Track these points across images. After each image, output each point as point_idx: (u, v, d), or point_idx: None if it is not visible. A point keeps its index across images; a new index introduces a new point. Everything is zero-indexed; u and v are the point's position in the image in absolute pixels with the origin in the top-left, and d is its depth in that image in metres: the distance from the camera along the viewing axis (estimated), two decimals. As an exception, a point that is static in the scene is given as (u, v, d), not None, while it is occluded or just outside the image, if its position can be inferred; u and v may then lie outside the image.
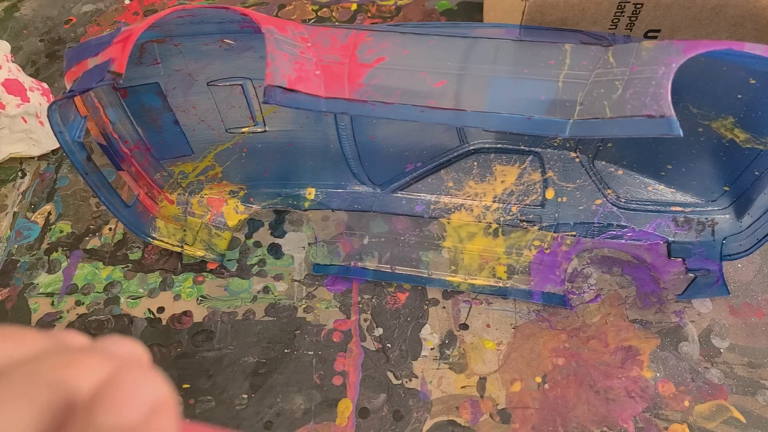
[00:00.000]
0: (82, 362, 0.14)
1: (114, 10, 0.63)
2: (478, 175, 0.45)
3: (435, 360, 0.41)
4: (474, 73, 0.34)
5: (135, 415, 0.13)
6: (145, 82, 0.40)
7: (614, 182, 0.44)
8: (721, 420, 0.38)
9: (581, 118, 0.31)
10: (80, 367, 0.14)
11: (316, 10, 0.61)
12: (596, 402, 0.39)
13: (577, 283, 0.44)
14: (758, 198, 0.39)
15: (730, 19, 0.41)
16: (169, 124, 0.43)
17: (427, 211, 0.46)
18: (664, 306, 0.42)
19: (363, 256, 0.45)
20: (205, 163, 0.46)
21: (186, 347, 0.42)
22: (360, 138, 0.44)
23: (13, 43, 0.61)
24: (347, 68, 0.34)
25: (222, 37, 0.39)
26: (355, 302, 0.44)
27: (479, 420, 0.39)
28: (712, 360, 0.40)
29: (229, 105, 0.43)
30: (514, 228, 0.45)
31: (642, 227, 0.43)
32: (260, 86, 0.42)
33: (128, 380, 0.13)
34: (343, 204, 0.46)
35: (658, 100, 0.29)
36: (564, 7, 0.42)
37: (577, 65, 0.33)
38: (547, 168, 0.44)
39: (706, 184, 0.42)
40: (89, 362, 0.14)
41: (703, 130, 0.38)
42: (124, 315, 0.44)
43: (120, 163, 0.42)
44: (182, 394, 0.41)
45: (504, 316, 0.43)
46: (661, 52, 0.30)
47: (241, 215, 0.47)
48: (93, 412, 0.13)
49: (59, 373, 0.14)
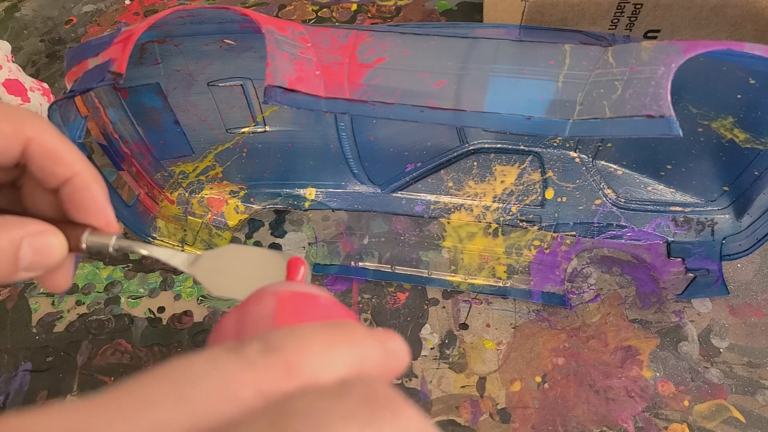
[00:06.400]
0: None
1: (114, 11, 0.63)
2: (477, 175, 0.45)
3: (435, 360, 0.41)
4: (474, 74, 0.34)
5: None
6: (146, 82, 0.40)
7: (614, 182, 0.44)
8: (721, 420, 0.38)
9: (581, 118, 0.31)
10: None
11: (317, 11, 0.61)
12: (596, 402, 0.39)
13: (577, 283, 0.44)
14: (758, 198, 0.39)
15: (730, 20, 0.41)
16: (170, 124, 0.43)
17: (427, 211, 0.46)
18: (664, 306, 0.42)
19: (363, 256, 0.45)
20: (206, 163, 0.47)
21: (186, 347, 0.42)
22: (360, 138, 0.44)
23: (14, 43, 0.61)
24: (347, 68, 0.34)
25: (222, 38, 0.39)
26: (355, 302, 0.44)
27: (479, 420, 0.39)
28: (712, 360, 0.40)
29: (229, 105, 0.43)
30: (514, 228, 0.45)
31: (642, 227, 0.43)
32: (260, 86, 0.42)
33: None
34: (343, 204, 0.47)
35: (658, 100, 0.29)
36: (564, 7, 0.42)
37: (576, 65, 0.33)
38: (546, 168, 0.44)
39: (706, 184, 0.42)
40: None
41: (702, 130, 0.38)
42: (125, 315, 0.44)
43: (120, 163, 0.42)
44: (182, 393, 0.41)
45: (504, 316, 0.43)
46: (661, 52, 0.30)
47: (241, 215, 0.47)
48: None
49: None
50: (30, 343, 0.43)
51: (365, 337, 0.16)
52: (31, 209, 0.24)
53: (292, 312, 0.20)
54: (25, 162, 0.23)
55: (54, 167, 0.23)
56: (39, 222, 0.22)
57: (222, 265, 0.26)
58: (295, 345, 0.15)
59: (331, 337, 0.16)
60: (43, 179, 0.23)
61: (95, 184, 0.24)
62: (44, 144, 0.22)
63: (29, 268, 0.22)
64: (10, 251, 0.21)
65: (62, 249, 0.23)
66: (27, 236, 0.21)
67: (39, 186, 0.24)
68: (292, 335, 0.15)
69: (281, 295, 0.21)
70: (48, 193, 0.24)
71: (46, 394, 0.41)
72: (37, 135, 0.22)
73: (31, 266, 0.22)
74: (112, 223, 0.24)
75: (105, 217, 0.24)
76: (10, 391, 0.41)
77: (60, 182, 0.23)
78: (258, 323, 0.20)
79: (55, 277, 0.24)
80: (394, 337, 0.17)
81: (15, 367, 0.42)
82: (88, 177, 0.23)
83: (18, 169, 0.24)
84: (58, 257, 0.22)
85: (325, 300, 0.22)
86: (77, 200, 0.23)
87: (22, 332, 0.44)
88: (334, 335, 0.16)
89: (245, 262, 0.26)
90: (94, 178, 0.24)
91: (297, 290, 0.22)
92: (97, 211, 0.23)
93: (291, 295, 0.21)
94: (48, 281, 0.24)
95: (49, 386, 0.41)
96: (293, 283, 0.23)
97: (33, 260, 0.22)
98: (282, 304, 0.20)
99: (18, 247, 0.21)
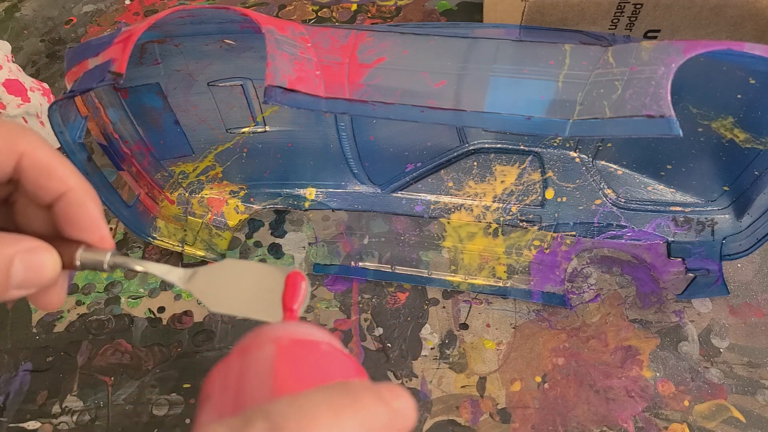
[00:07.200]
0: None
1: (114, 11, 0.64)
2: (477, 175, 0.45)
3: (435, 360, 0.41)
4: (474, 74, 0.34)
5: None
6: (146, 83, 0.40)
7: (614, 182, 0.44)
8: (721, 419, 0.38)
9: (581, 118, 0.31)
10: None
11: (317, 11, 0.61)
12: (596, 401, 0.39)
13: (577, 283, 0.44)
14: (758, 198, 0.39)
15: (730, 20, 0.41)
16: (170, 124, 0.43)
17: (427, 211, 0.46)
18: (664, 306, 0.42)
19: (363, 256, 0.45)
20: (206, 163, 0.47)
21: (186, 347, 0.43)
22: (360, 138, 0.44)
23: (14, 43, 0.61)
24: (347, 68, 0.34)
25: (222, 38, 0.39)
26: (355, 302, 0.44)
27: (479, 419, 0.39)
28: (712, 360, 0.40)
29: (229, 105, 0.43)
30: (514, 228, 0.45)
31: (642, 227, 0.43)
32: (260, 86, 0.42)
33: None
34: (343, 204, 0.47)
35: (658, 100, 0.29)
36: (564, 7, 0.42)
37: (576, 65, 0.33)
38: (546, 168, 0.44)
39: (706, 184, 0.42)
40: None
41: (702, 130, 0.38)
42: (125, 315, 0.44)
43: (120, 163, 0.42)
44: (182, 393, 0.41)
45: (504, 316, 0.43)
46: (661, 52, 0.30)
47: (241, 215, 0.47)
48: None
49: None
50: (30, 343, 0.43)
51: (371, 400, 0.16)
52: (24, 226, 0.24)
53: (292, 365, 0.20)
54: (18, 177, 0.22)
55: (47, 182, 0.22)
56: (32, 238, 0.22)
57: (219, 280, 0.26)
58: (300, 423, 0.15)
59: (336, 408, 0.16)
60: (37, 194, 0.23)
61: (90, 199, 0.23)
62: (37, 158, 0.22)
63: (21, 285, 0.21)
64: (1, 268, 0.20)
65: (55, 266, 0.22)
66: (19, 253, 0.21)
67: (32, 202, 0.23)
68: (297, 411, 0.15)
69: (281, 343, 0.21)
70: (41, 209, 0.23)
71: (46, 394, 0.41)
72: (29, 149, 0.22)
73: (23, 284, 0.21)
74: (107, 238, 0.23)
75: (100, 232, 0.23)
76: (10, 391, 0.41)
77: (53, 197, 0.23)
78: (258, 376, 0.20)
79: (48, 296, 0.23)
80: (399, 394, 0.17)
81: (15, 367, 0.42)
82: (83, 192, 0.23)
83: (11, 185, 0.23)
84: (51, 275, 0.22)
85: (326, 347, 0.22)
86: (71, 215, 0.23)
87: (22, 332, 0.44)
88: (338, 404, 0.16)
89: (242, 277, 0.26)
90: (88, 193, 0.23)
91: (297, 337, 0.21)
92: (92, 226, 0.23)
93: (291, 344, 0.21)
94: (40, 300, 0.23)
95: (49, 386, 0.41)
96: (293, 326, 0.23)
97: (25, 277, 0.21)
98: (282, 354, 0.20)
99: (10, 264, 0.21)
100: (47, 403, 0.41)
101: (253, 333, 0.22)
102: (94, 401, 0.41)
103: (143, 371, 0.42)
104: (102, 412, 0.40)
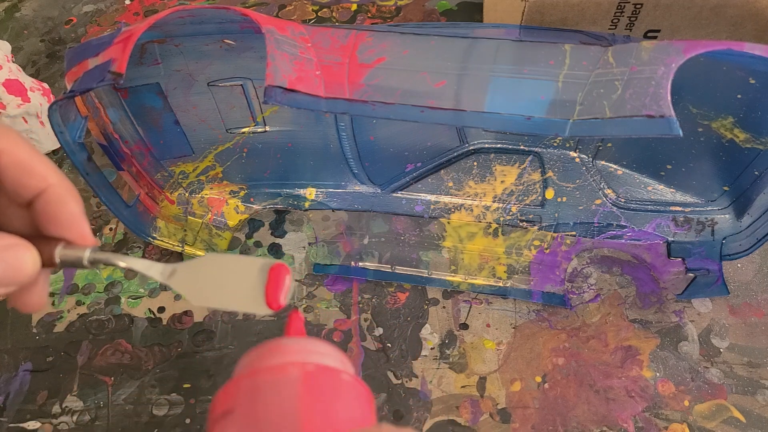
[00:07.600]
0: None
1: (114, 11, 0.64)
2: (478, 175, 0.45)
3: (435, 360, 0.41)
4: (474, 74, 0.34)
5: None
6: (146, 83, 0.40)
7: (614, 182, 0.44)
8: (721, 419, 0.38)
9: (581, 118, 0.31)
10: None
11: (317, 11, 0.61)
12: (596, 401, 0.39)
13: (577, 283, 0.44)
14: (758, 198, 0.39)
15: (730, 20, 0.41)
16: (170, 124, 0.43)
17: (427, 211, 0.46)
18: (664, 306, 0.42)
19: (363, 256, 0.45)
20: (206, 163, 0.47)
21: (187, 347, 0.43)
22: (360, 138, 0.44)
23: (14, 43, 0.61)
24: (347, 68, 0.34)
25: (222, 38, 0.39)
26: (355, 302, 0.44)
27: (479, 420, 0.39)
28: (712, 360, 0.40)
29: (229, 105, 0.43)
30: (514, 228, 0.45)
31: (642, 227, 0.43)
32: (260, 86, 0.42)
33: None
34: (343, 204, 0.47)
35: (658, 100, 0.29)
36: (564, 7, 0.42)
37: (576, 65, 0.33)
38: (546, 168, 0.44)
39: (706, 184, 0.42)
40: None
41: (702, 130, 0.38)
42: (125, 315, 0.44)
43: (120, 164, 0.42)
44: (183, 393, 0.41)
45: (504, 316, 0.43)
46: (661, 52, 0.30)
47: (241, 215, 0.47)
48: None
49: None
50: (30, 343, 0.43)
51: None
52: (3, 225, 0.24)
53: (317, 393, 0.21)
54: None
55: (27, 179, 0.22)
56: (10, 235, 0.22)
57: (200, 274, 0.26)
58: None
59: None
60: (16, 192, 0.22)
61: (70, 196, 0.23)
62: (16, 156, 0.22)
63: (0, 283, 0.21)
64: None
65: (35, 263, 0.22)
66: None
67: (11, 201, 0.23)
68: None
69: (306, 369, 0.22)
70: (20, 208, 0.23)
71: (46, 394, 0.41)
72: (8, 147, 0.22)
73: (2, 282, 0.21)
74: (88, 235, 0.23)
75: (80, 229, 0.23)
76: (10, 391, 0.41)
77: (33, 194, 0.23)
78: (283, 405, 0.21)
79: (28, 296, 0.23)
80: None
81: (15, 367, 0.42)
82: (63, 189, 0.23)
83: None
84: (31, 272, 0.22)
85: (347, 377, 0.23)
86: (51, 213, 0.23)
87: (22, 332, 0.44)
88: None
89: (223, 270, 0.26)
90: (68, 190, 0.23)
91: (321, 363, 0.23)
92: (72, 223, 0.23)
93: (316, 371, 0.22)
94: (21, 300, 0.23)
95: (49, 386, 0.41)
96: (311, 343, 0.24)
97: (4, 275, 0.21)
98: (308, 381, 0.21)
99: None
100: (47, 403, 0.41)
101: (275, 346, 0.23)
102: (94, 401, 0.41)
103: (143, 371, 0.42)
104: (102, 412, 0.40)
